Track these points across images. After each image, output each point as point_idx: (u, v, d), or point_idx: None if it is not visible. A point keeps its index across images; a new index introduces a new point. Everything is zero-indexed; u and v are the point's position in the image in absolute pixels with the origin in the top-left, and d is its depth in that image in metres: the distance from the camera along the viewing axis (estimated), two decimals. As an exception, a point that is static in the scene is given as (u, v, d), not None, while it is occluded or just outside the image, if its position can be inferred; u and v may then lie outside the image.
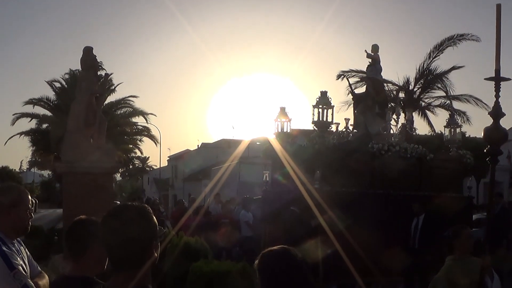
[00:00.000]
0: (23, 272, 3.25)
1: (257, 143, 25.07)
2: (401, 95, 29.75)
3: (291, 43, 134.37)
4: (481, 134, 4.65)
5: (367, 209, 10.86)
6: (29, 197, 3.58)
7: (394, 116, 13.67)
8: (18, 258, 3.30)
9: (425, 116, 29.93)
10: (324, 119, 12.01)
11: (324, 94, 12.06)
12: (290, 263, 2.66)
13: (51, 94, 35.63)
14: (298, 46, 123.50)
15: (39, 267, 3.59)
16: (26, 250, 3.54)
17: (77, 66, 25.46)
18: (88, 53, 11.62)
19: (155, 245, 2.25)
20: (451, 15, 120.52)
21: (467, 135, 27.95)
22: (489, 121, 4.49)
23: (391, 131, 13.24)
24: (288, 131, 13.29)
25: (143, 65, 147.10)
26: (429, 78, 29.14)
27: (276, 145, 12.67)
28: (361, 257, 9.86)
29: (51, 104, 35.13)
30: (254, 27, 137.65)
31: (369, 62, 13.54)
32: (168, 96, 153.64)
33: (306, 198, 10.38)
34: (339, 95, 53.37)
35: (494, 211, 14.11)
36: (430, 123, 29.98)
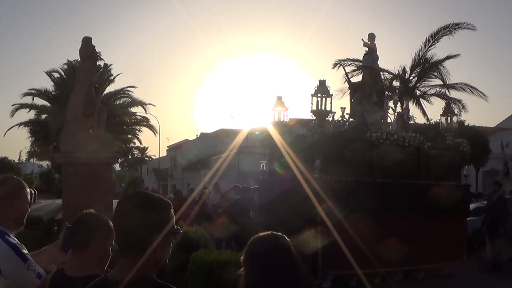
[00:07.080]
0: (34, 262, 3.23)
1: (256, 132, 24.95)
2: (396, 83, 29.71)
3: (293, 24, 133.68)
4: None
5: (366, 198, 10.83)
6: (27, 189, 3.52)
7: (392, 105, 13.65)
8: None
9: (419, 105, 29.93)
10: (323, 108, 12.00)
11: (322, 83, 12.01)
12: (279, 248, 2.58)
13: (49, 85, 35.58)
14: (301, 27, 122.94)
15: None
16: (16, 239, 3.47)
17: (76, 56, 25.37)
18: (87, 43, 11.55)
19: (162, 239, 2.25)
20: (447, 4, 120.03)
21: (465, 124, 27.98)
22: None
23: (388, 120, 13.23)
24: (285, 120, 13.28)
25: (142, 55, 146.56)
26: (425, 66, 29.11)
27: (274, 135, 12.63)
28: (360, 247, 9.87)
29: (50, 94, 35.04)
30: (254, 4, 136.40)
31: (366, 51, 13.54)
32: (167, 86, 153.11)
33: (305, 188, 10.38)
34: (335, 82, 53.31)
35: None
36: (424, 112, 30.02)
